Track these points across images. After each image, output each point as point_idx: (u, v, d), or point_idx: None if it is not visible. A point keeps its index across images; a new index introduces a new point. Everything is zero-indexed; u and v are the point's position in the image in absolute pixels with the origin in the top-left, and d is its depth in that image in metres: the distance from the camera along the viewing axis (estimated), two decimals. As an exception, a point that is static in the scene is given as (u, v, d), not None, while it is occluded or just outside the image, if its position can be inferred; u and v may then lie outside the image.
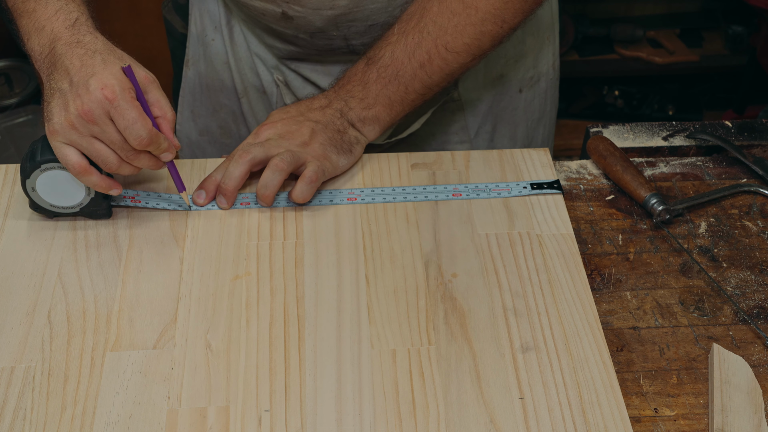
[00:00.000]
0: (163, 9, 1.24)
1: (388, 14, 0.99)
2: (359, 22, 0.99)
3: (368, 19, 0.99)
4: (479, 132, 1.15)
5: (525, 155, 0.99)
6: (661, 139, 1.03)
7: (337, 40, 1.03)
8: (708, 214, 0.95)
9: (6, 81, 2.25)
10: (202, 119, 1.19)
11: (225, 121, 1.18)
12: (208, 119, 1.19)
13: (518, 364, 0.78)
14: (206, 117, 1.19)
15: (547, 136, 1.24)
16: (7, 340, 0.79)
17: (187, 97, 1.19)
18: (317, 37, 1.02)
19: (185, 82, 1.18)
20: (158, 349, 0.78)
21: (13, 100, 2.21)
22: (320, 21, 0.99)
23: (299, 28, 1.01)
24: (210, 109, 1.18)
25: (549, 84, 1.19)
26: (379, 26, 1.00)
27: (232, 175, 0.90)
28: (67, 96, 0.80)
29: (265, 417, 0.74)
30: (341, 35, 1.02)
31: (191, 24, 1.14)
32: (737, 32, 2.40)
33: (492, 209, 0.93)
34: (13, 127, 2.13)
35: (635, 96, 2.52)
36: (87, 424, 0.73)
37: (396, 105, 0.96)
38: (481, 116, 1.14)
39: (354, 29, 1.00)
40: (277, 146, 0.91)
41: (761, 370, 0.80)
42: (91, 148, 0.81)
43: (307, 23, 1.00)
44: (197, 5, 1.13)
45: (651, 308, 0.85)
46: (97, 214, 0.89)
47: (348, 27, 1.00)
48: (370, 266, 0.86)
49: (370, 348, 0.79)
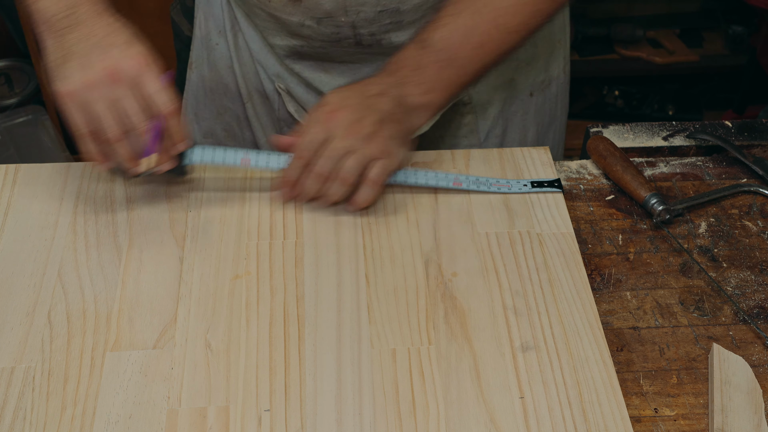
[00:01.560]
0: (172, 11, 1.24)
1: (398, 0, 0.98)
2: (369, 6, 0.98)
3: (378, 3, 0.98)
4: (489, 135, 1.14)
5: (525, 154, 0.99)
6: (661, 139, 1.03)
7: (345, 28, 1.01)
8: (708, 214, 0.95)
9: (6, 81, 2.25)
10: (206, 122, 1.19)
11: (229, 125, 1.18)
12: (212, 122, 1.19)
13: (518, 364, 0.78)
14: (210, 120, 1.18)
15: (557, 140, 1.23)
16: (7, 340, 0.79)
17: (190, 100, 1.19)
18: (324, 24, 1.00)
19: (189, 84, 1.18)
20: (158, 349, 0.78)
21: (13, 100, 2.21)
22: (329, 3, 0.98)
23: (307, 12, 0.99)
24: (214, 112, 1.18)
25: (560, 88, 1.19)
26: (388, 13, 0.99)
27: (310, 192, 0.90)
28: (91, 56, 0.80)
29: (265, 417, 0.74)
30: (349, 22, 1.00)
31: (196, 27, 1.13)
32: (737, 32, 2.40)
33: (492, 208, 0.93)
34: (13, 127, 2.14)
35: (635, 96, 2.52)
36: (87, 424, 0.73)
37: (451, 89, 0.94)
38: (491, 119, 1.14)
39: (363, 15, 0.99)
40: (344, 146, 0.87)
41: (761, 370, 0.80)
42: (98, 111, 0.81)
43: (316, 5, 0.98)
44: (202, 9, 1.12)
45: (651, 308, 0.85)
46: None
47: (357, 12, 0.98)
48: (370, 265, 0.86)
49: (370, 347, 0.79)
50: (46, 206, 0.91)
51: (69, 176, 0.95)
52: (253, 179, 0.95)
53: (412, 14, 1.00)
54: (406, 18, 1.00)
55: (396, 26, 1.01)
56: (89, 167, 0.96)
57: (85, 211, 0.91)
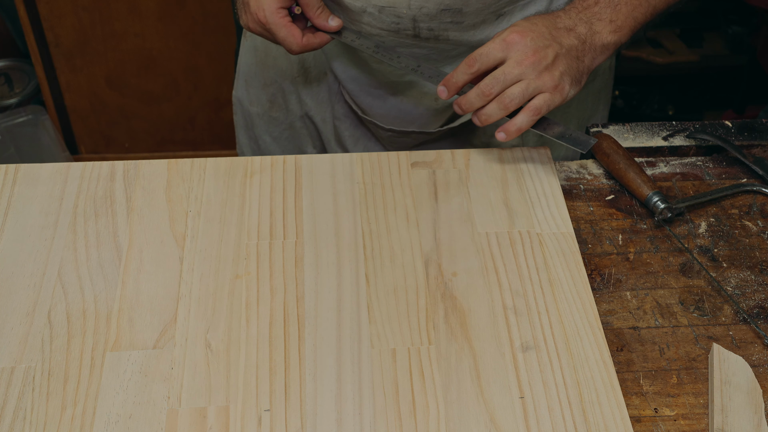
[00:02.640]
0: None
1: (462, 2, 0.98)
2: (432, 3, 0.98)
3: (442, 2, 0.98)
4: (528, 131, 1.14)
5: (525, 154, 0.99)
6: (661, 139, 1.03)
7: (405, 20, 1.00)
8: (708, 214, 0.95)
9: (6, 81, 2.26)
10: (254, 90, 1.20)
11: (274, 96, 1.19)
12: (259, 90, 1.20)
13: (518, 364, 0.78)
14: (257, 89, 1.20)
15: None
16: (7, 340, 0.79)
17: (242, 66, 1.21)
18: (386, 13, 1.00)
19: (242, 50, 1.20)
20: (158, 349, 0.79)
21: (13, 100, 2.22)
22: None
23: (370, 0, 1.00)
24: (261, 82, 1.19)
25: (604, 84, 1.19)
26: (450, 12, 0.99)
27: (470, 104, 0.91)
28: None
29: (265, 417, 0.74)
30: (410, 15, 0.99)
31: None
32: (737, 32, 2.40)
33: (492, 208, 0.93)
34: (13, 127, 2.14)
35: (635, 96, 2.51)
36: (87, 424, 0.73)
37: (636, 28, 0.94)
38: None
39: (425, 10, 0.98)
40: (518, 73, 0.89)
41: (761, 370, 0.80)
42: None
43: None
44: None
45: (651, 308, 0.85)
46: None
47: (420, 7, 0.98)
48: (370, 265, 0.86)
49: (370, 347, 0.79)
50: (46, 206, 0.92)
51: (69, 176, 0.95)
52: (253, 179, 0.95)
53: (473, 17, 1.00)
54: (467, 20, 1.00)
55: (456, 26, 1.01)
56: (89, 167, 0.96)
57: (85, 211, 0.91)
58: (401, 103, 1.11)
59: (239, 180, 0.95)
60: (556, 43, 0.90)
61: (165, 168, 0.96)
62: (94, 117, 2.22)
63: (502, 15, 1.02)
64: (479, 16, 1.00)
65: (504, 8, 1.01)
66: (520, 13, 1.03)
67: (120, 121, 2.24)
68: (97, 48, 2.07)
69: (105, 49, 2.07)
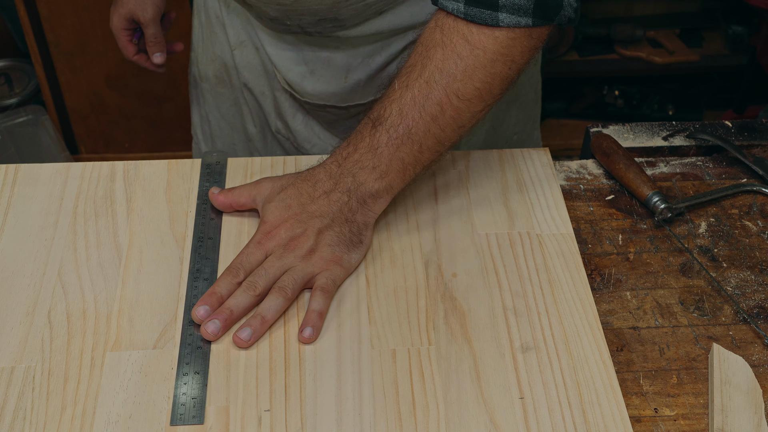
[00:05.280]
0: None
1: (335, 12, 1.00)
2: (308, 15, 1.01)
3: (316, 14, 1.00)
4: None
5: (525, 155, 1.00)
6: (661, 139, 1.03)
7: (293, 27, 1.06)
8: (708, 214, 0.95)
9: (6, 81, 2.25)
10: (203, 66, 1.23)
11: (219, 71, 1.21)
12: (206, 66, 1.22)
13: (518, 364, 0.78)
14: (205, 64, 1.22)
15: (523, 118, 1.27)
16: (7, 340, 0.79)
17: (194, 44, 1.24)
18: (275, 21, 1.06)
19: (193, 28, 1.24)
20: (158, 349, 0.79)
21: (13, 100, 2.21)
22: (273, 11, 1.03)
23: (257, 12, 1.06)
24: (208, 58, 1.21)
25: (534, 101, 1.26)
26: (328, 20, 1.02)
27: (240, 305, 0.81)
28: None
29: (265, 417, 0.74)
30: (295, 24, 1.04)
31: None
32: (737, 32, 2.40)
33: (492, 209, 0.93)
34: (13, 127, 2.14)
35: (635, 96, 2.51)
36: (87, 424, 0.73)
37: (409, 168, 0.87)
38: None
39: (305, 20, 1.03)
40: (281, 264, 0.83)
41: (761, 370, 0.80)
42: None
43: (262, 12, 1.04)
44: None
45: (651, 308, 0.85)
46: None
47: (299, 19, 1.02)
48: (370, 266, 0.86)
49: (370, 348, 0.79)
50: (46, 206, 0.92)
51: (69, 176, 0.95)
52: (253, 180, 0.95)
53: (352, 20, 1.03)
54: (348, 22, 1.03)
55: (340, 28, 1.04)
56: (89, 167, 0.96)
57: (85, 211, 0.91)
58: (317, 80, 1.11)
59: (239, 180, 0.95)
60: (314, 217, 0.85)
61: (165, 168, 0.96)
62: (94, 117, 2.22)
63: (384, 12, 1.03)
64: (358, 18, 1.02)
65: (383, 8, 1.02)
66: (402, 6, 1.03)
67: (120, 121, 2.24)
68: (97, 48, 2.07)
69: (105, 49, 2.07)
